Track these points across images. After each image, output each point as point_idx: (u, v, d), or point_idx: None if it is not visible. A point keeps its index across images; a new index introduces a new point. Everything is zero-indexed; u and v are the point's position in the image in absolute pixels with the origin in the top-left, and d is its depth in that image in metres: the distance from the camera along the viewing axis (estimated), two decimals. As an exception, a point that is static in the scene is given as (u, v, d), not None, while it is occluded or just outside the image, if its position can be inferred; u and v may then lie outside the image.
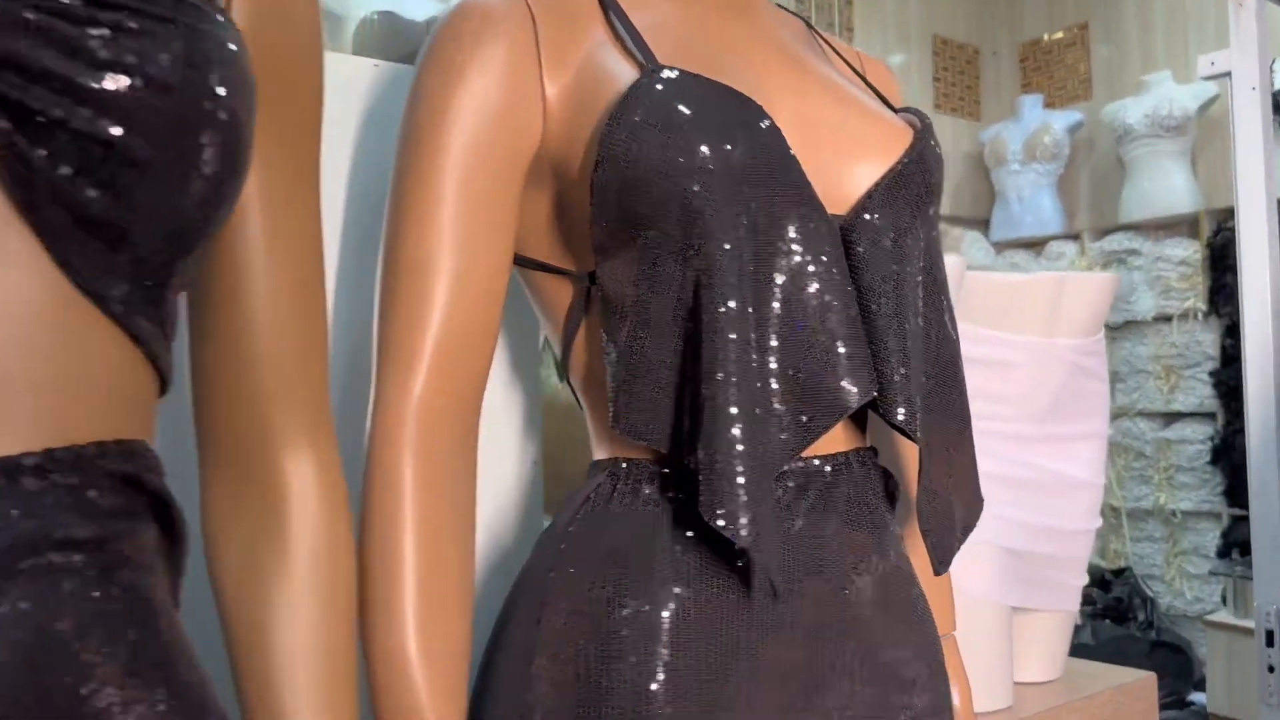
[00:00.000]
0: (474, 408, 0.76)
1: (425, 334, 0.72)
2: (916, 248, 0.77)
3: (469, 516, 0.75)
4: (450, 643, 0.70)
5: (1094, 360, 1.50)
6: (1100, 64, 4.05)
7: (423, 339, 0.72)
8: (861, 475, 0.78)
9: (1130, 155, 3.67)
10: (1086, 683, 1.54)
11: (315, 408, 0.68)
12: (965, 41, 4.29)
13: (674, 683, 0.68)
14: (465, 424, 0.75)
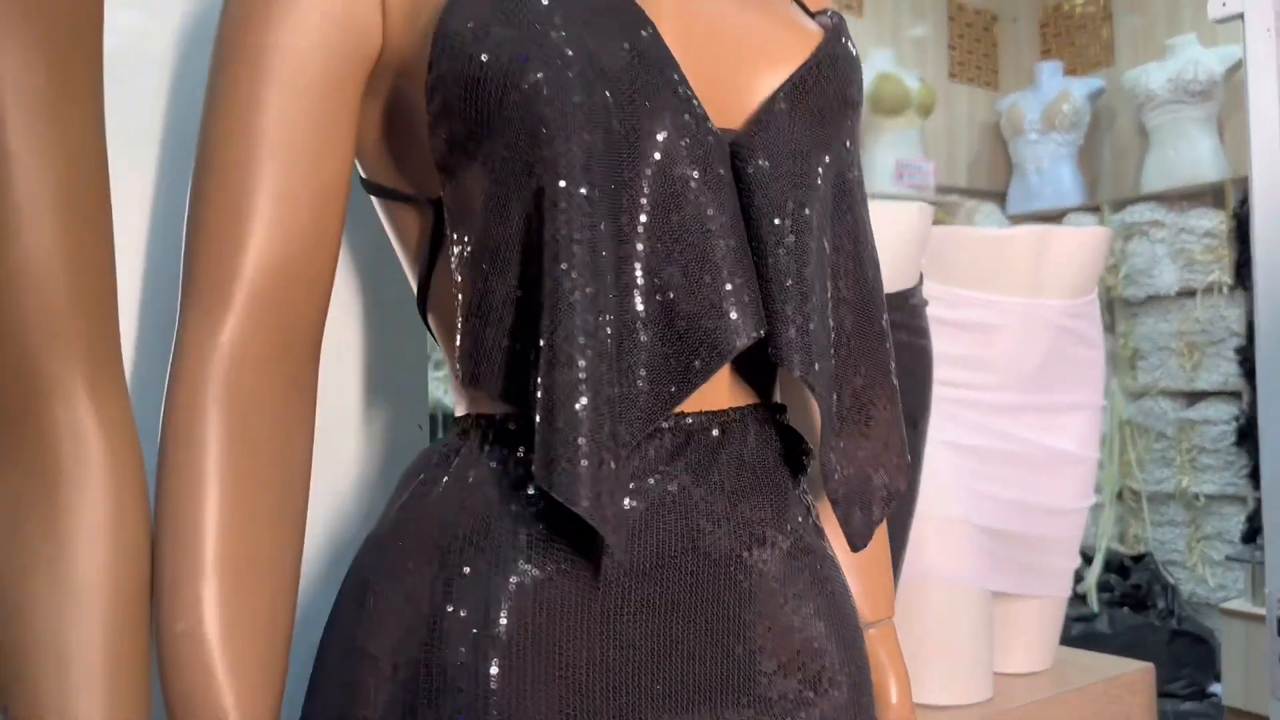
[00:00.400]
0: (306, 356, 0.65)
1: (238, 268, 0.62)
2: (824, 168, 0.66)
3: (298, 483, 0.65)
4: (261, 625, 0.60)
5: (1085, 323, 1.38)
6: (1124, 28, 3.87)
7: (235, 274, 0.62)
8: (759, 437, 0.67)
9: (1153, 123, 3.50)
10: (1077, 674, 1.42)
11: (98, 353, 0.58)
12: (983, 7, 4.13)
13: (514, 668, 0.57)
14: (293, 375, 0.64)
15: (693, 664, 0.61)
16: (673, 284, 0.60)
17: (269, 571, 0.61)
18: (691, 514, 0.62)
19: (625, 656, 0.59)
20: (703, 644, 0.62)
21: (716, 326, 0.60)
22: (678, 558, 0.61)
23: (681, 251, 0.60)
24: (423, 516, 0.62)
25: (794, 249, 0.63)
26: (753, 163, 0.63)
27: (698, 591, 0.62)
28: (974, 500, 1.33)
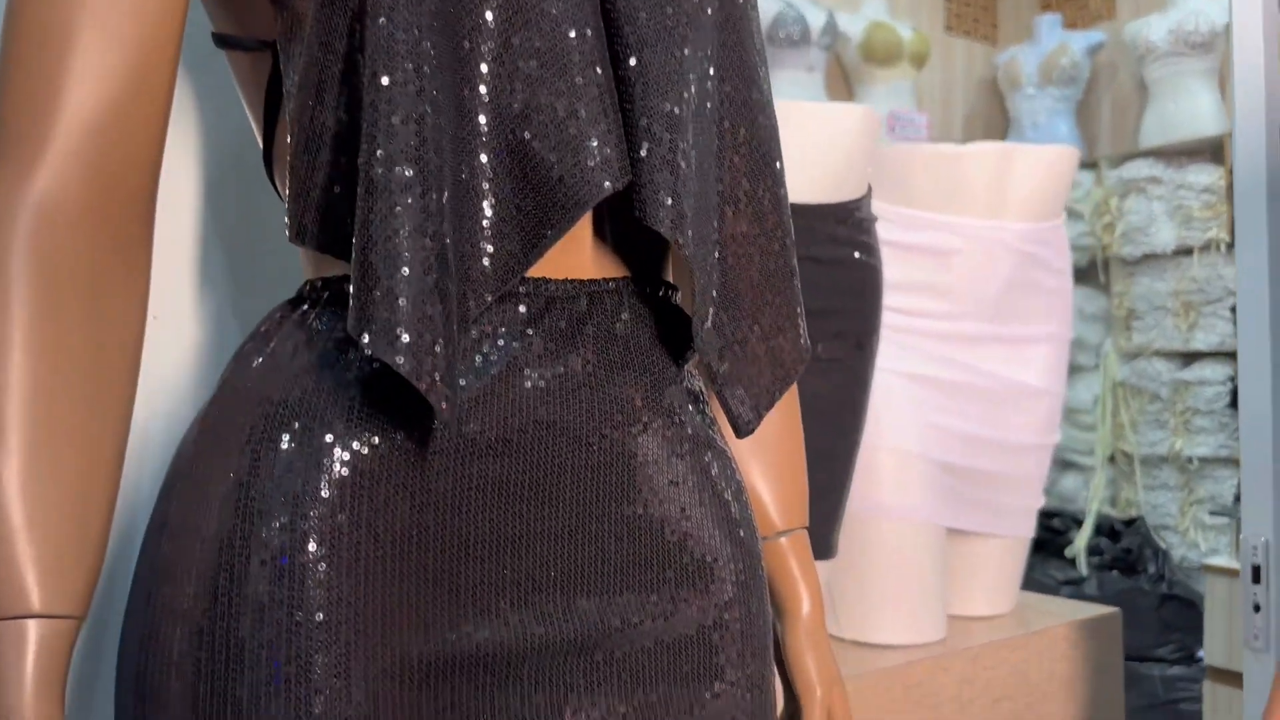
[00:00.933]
0: (131, 219, 0.59)
1: (51, 115, 0.56)
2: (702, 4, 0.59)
3: (122, 352, 0.59)
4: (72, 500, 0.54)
5: (1050, 251, 1.31)
6: (1128, -19, 3.77)
7: (47, 122, 0.56)
8: (635, 313, 0.61)
9: (1153, 76, 3.40)
10: (1039, 618, 1.37)
11: None
12: (983, -39, 4.01)
13: (334, 548, 0.51)
14: (117, 235, 0.58)
15: (546, 550, 0.56)
16: (521, 120, 0.53)
17: (80, 448, 0.55)
18: (551, 387, 0.56)
19: (464, 540, 0.54)
20: (558, 529, 0.56)
21: (570, 174, 0.54)
22: (529, 433, 0.55)
23: (532, 82, 0.54)
24: (242, 388, 0.56)
25: (665, 74, 0.56)
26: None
27: (553, 472, 0.56)
28: (931, 434, 1.26)
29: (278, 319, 0.58)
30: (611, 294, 0.60)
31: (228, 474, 0.53)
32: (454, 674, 0.52)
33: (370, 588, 0.52)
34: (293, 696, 0.50)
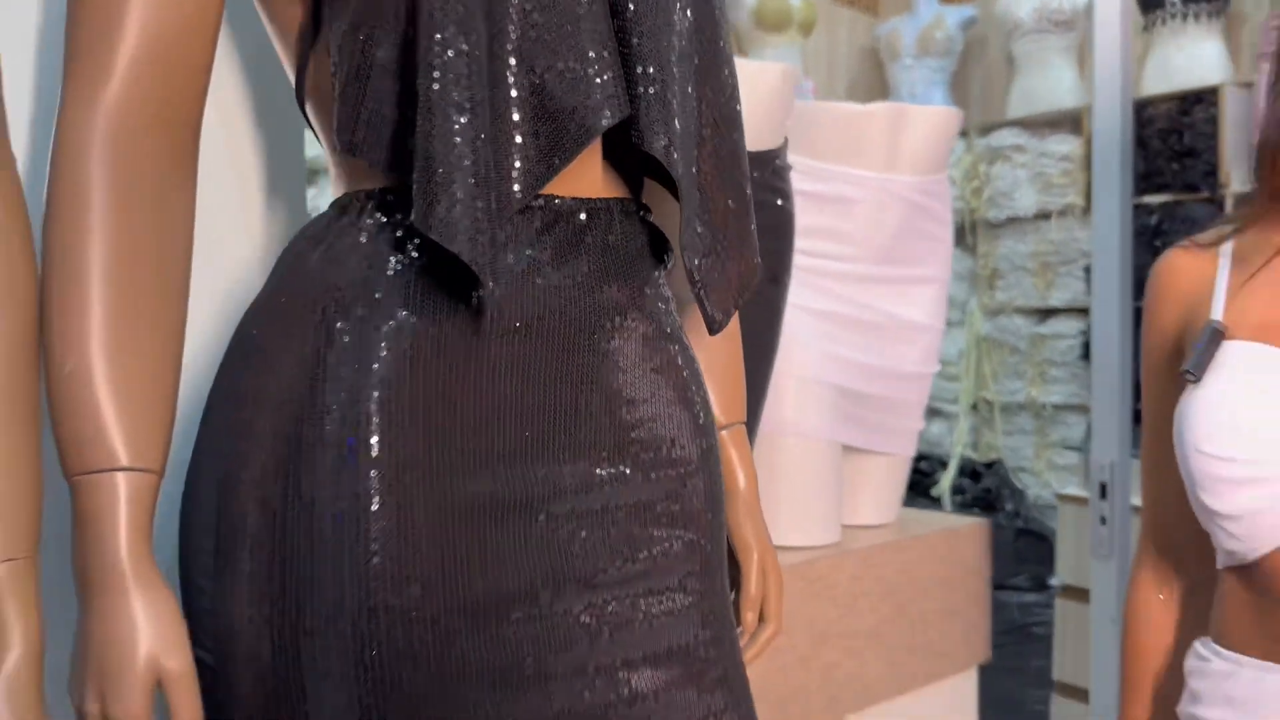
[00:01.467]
0: (186, 131, 0.69)
1: (119, 37, 0.65)
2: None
3: (179, 251, 0.68)
4: (148, 369, 0.64)
5: (935, 202, 1.48)
6: (998, -41, 4.02)
7: (116, 43, 0.65)
8: (625, 228, 0.73)
9: (1020, 51, 3.66)
10: (918, 527, 1.55)
11: None
12: (866, -67, 4.21)
13: (392, 401, 0.63)
14: (172, 148, 0.68)
15: (557, 418, 0.67)
16: (542, 64, 0.65)
17: (153, 324, 0.65)
18: (559, 285, 0.68)
19: (496, 403, 0.65)
20: (567, 401, 0.68)
21: (581, 107, 0.65)
22: (545, 321, 0.67)
23: (550, 34, 0.65)
24: (306, 278, 0.66)
25: (656, 25, 0.68)
26: None
27: (563, 355, 0.68)
28: (829, 362, 1.42)
29: (326, 224, 0.68)
30: (605, 211, 0.71)
31: (304, 346, 0.63)
32: (483, 510, 0.64)
33: (418, 440, 0.63)
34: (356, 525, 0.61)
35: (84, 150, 0.64)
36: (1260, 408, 0.81)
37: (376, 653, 0.61)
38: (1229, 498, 0.82)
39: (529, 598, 0.65)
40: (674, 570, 0.73)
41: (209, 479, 0.65)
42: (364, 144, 0.65)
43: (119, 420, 0.62)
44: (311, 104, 0.72)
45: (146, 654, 0.61)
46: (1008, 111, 3.71)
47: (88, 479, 0.62)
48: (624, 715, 0.68)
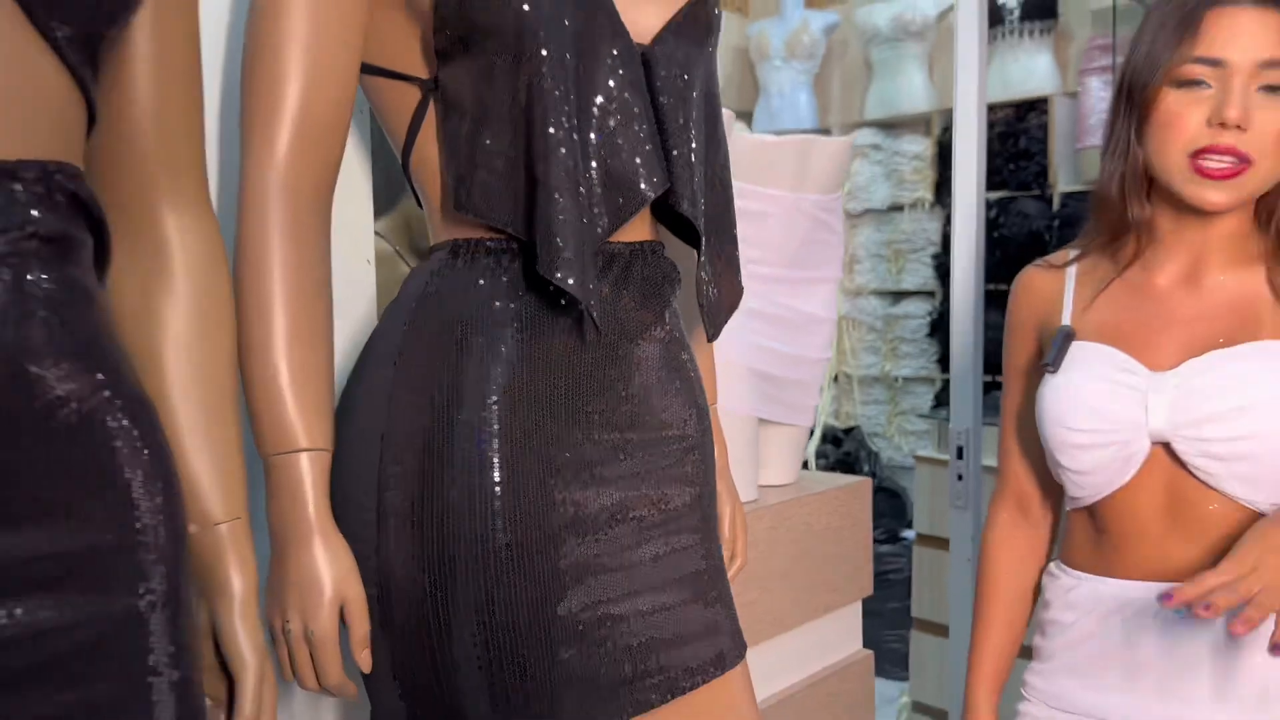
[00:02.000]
0: (328, 190, 0.90)
1: (287, 122, 0.85)
2: (699, 73, 0.97)
3: (327, 275, 0.89)
4: (317, 373, 0.86)
5: (832, 216, 1.77)
6: (856, -31, 4.38)
7: (285, 124, 0.85)
8: (652, 262, 0.98)
9: (877, 57, 4.03)
10: (815, 485, 1.86)
11: (194, 178, 0.80)
12: (737, -63, 4.50)
13: (509, 387, 0.86)
14: (321, 205, 0.89)
15: (616, 404, 0.92)
16: (610, 151, 0.89)
17: (318, 339, 0.87)
18: (615, 307, 0.93)
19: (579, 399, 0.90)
20: (626, 392, 0.93)
21: (639, 182, 0.90)
22: (606, 335, 0.92)
23: (616, 130, 0.89)
24: (437, 307, 0.89)
25: (684, 127, 0.93)
26: (657, 72, 0.92)
27: (617, 359, 0.93)
28: (749, 350, 1.70)
29: (446, 265, 0.90)
30: (640, 252, 0.96)
31: (444, 359, 0.86)
32: (567, 466, 0.88)
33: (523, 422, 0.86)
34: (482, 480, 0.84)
35: (263, 207, 0.85)
36: (1101, 392, 1.08)
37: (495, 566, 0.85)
38: (1078, 458, 1.10)
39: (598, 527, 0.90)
40: (686, 517, 0.99)
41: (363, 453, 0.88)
42: (475, 205, 0.88)
43: (301, 414, 0.84)
44: (417, 167, 0.94)
45: (333, 586, 0.83)
46: (866, 113, 4.09)
47: (282, 458, 0.84)
48: (657, 621, 0.94)
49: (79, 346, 0.62)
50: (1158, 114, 1.06)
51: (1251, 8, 1.03)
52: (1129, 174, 1.10)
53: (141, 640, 0.65)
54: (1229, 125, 1.01)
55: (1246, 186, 1.04)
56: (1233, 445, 1.03)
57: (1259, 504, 1.04)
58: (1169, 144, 1.05)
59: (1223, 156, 1.02)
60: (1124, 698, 1.09)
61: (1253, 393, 1.02)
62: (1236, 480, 1.04)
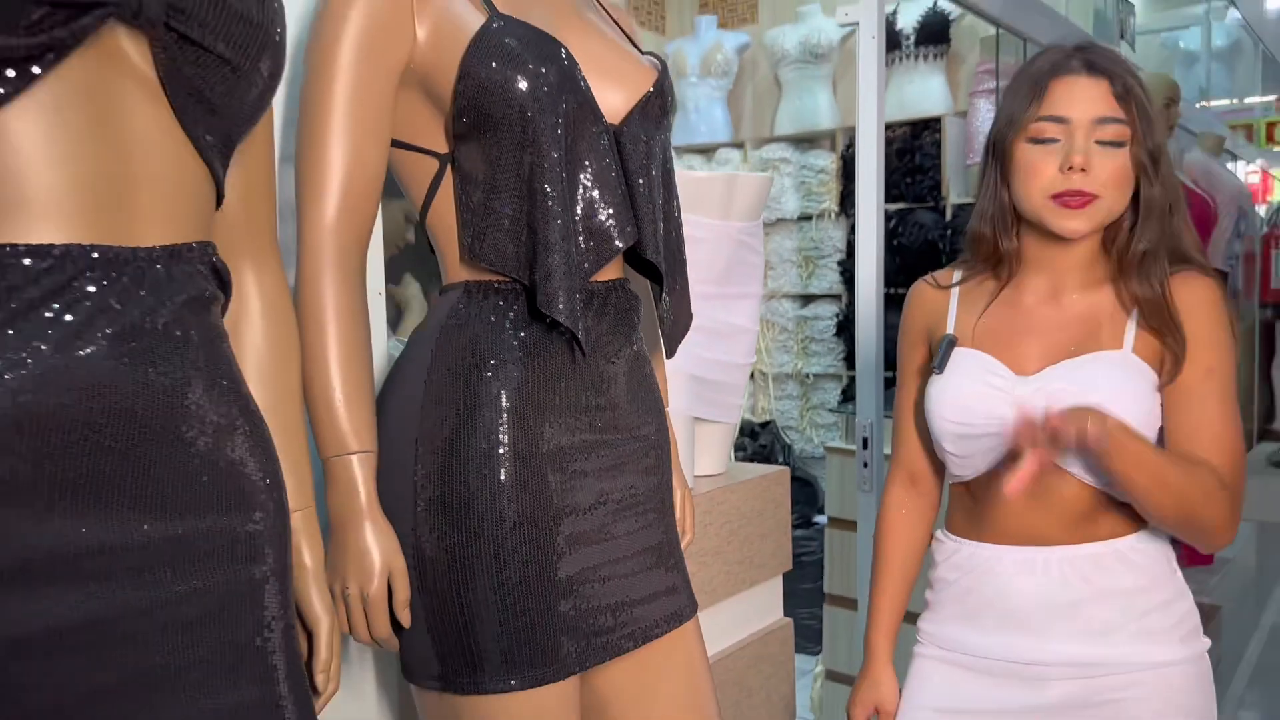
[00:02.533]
0: (365, 245, 1.12)
1: (335, 189, 1.07)
2: (658, 146, 1.21)
3: (366, 311, 1.11)
4: (362, 390, 1.08)
5: (754, 239, 2.03)
6: (765, -7, 4.68)
7: (333, 192, 1.07)
8: (622, 295, 1.22)
9: (786, 77, 4.33)
10: (741, 474, 2.12)
11: (268, 237, 1.02)
12: (653, -40, 4.76)
13: (516, 399, 1.09)
14: (361, 255, 1.11)
15: (597, 411, 1.16)
16: (591, 212, 1.13)
17: (361, 355, 1.09)
18: (598, 335, 1.16)
19: (570, 403, 1.13)
20: (604, 401, 1.17)
21: (611, 235, 1.14)
22: (590, 357, 1.15)
23: (595, 194, 1.13)
24: (458, 338, 1.11)
25: (649, 192, 1.17)
26: (626, 145, 1.16)
27: (598, 375, 1.17)
28: (686, 357, 1.95)
29: (461, 304, 1.12)
30: (613, 289, 1.20)
31: (464, 378, 1.08)
32: (560, 454, 1.11)
33: (530, 428, 1.10)
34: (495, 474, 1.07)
35: (318, 258, 1.07)
36: (976, 392, 1.29)
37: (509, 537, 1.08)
38: (959, 444, 1.31)
39: (585, 509, 1.14)
40: (649, 501, 1.23)
41: (401, 454, 1.10)
42: (488, 257, 1.11)
43: (352, 424, 1.06)
44: (433, 222, 1.16)
45: (381, 559, 1.06)
46: (776, 129, 4.38)
47: (338, 459, 1.06)
48: (630, 583, 1.19)
49: (219, 379, 0.83)
50: (1019, 164, 1.29)
51: (1086, 76, 1.28)
52: (997, 213, 1.33)
53: (260, 599, 0.86)
54: (1075, 170, 1.24)
55: (1095, 216, 1.27)
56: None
57: (1097, 482, 1.26)
58: (1032, 187, 1.27)
59: (1075, 196, 1.25)
60: (1000, 638, 1.31)
61: (1097, 395, 1.22)
62: (1083, 465, 1.26)
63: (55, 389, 0.70)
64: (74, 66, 0.73)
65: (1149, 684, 1.26)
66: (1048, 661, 1.29)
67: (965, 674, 1.36)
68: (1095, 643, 1.27)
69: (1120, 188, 1.26)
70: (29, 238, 0.71)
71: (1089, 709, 1.27)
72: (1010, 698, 1.32)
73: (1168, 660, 1.27)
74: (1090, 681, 1.27)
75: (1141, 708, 1.25)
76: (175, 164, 0.81)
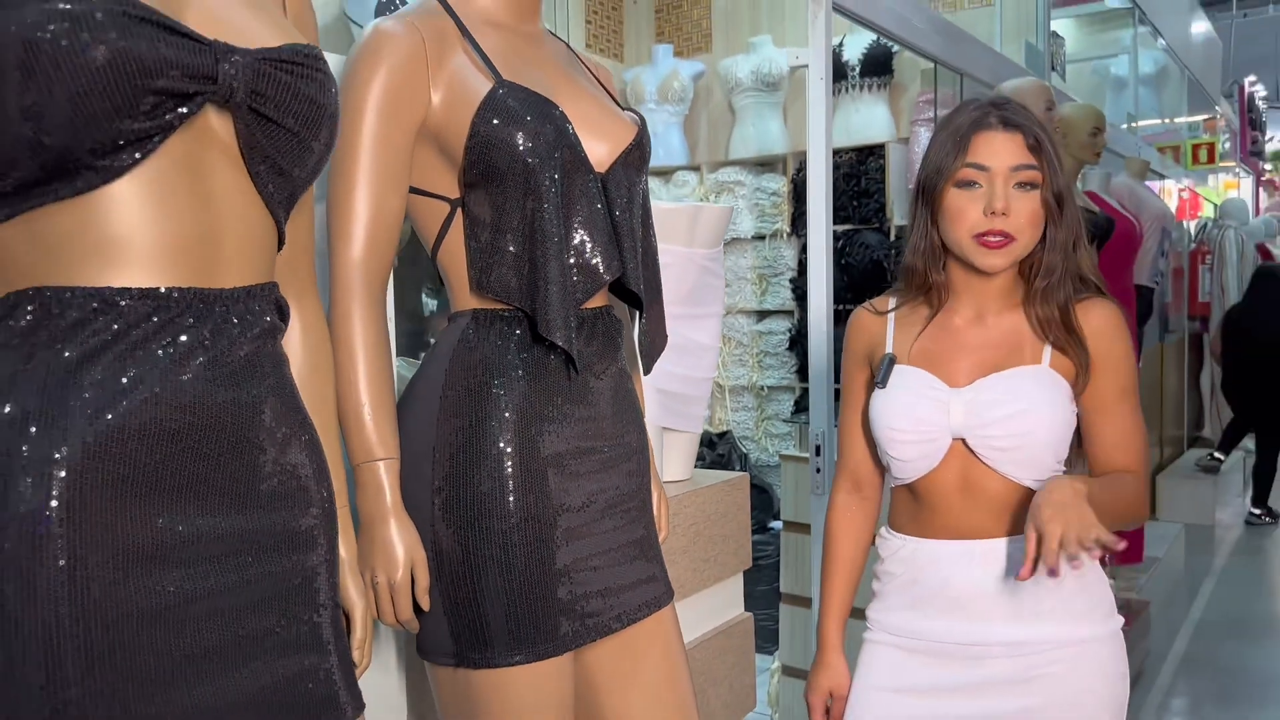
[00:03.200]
0: (387, 278, 1.29)
1: (362, 230, 1.24)
2: (638, 189, 1.39)
3: (388, 336, 1.28)
4: (386, 405, 1.24)
5: (716, 264, 2.22)
6: (720, 20, 4.89)
7: (360, 233, 1.24)
8: (608, 321, 1.39)
9: (739, 104, 4.53)
10: (704, 480, 2.30)
11: (308, 271, 1.18)
12: (611, -11, 4.95)
13: (519, 412, 1.26)
14: (383, 287, 1.28)
15: (587, 421, 1.34)
16: (582, 250, 1.30)
17: (384, 374, 1.25)
18: (588, 355, 1.34)
19: (565, 415, 1.31)
20: (592, 413, 1.34)
21: (599, 269, 1.32)
22: (583, 375, 1.33)
23: (586, 235, 1.30)
24: (469, 359, 1.28)
25: (630, 230, 1.35)
26: (612, 190, 1.34)
27: (588, 391, 1.34)
28: (655, 372, 2.12)
29: (468, 328, 1.29)
30: (600, 315, 1.37)
31: (475, 394, 1.24)
32: (561, 458, 1.28)
33: (532, 438, 1.26)
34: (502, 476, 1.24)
35: (348, 290, 1.23)
36: (915, 403, 1.44)
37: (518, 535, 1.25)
38: (900, 450, 1.45)
39: (578, 507, 1.31)
40: (631, 500, 1.41)
41: (420, 460, 1.26)
42: (494, 289, 1.28)
43: (378, 435, 1.23)
44: (443, 257, 1.33)
45: (404, 552, 1.22)
46: (730, 153, 4.59)
47: (367, 465, 1.22)
48: (616, 572, 1.36)
49: (285, 396, 1.00)
50: (947, 208, 1.46)
51: (1003, 131, 1.45)
52: (928, 250, 1.48)
53: (317, 581, 1.02)
54: (998, 214, 1.42)
55: (1014, 252, 1.44)
56: (1008, 440, 1.40)
57: (1026, 480, 1.42)
58: (959, 228, 1.42)
59: (995, 236, 1.41)
60: (942, 623, 1.45)
61: (1021, 403, 1.40)
62: (1011, 464, 1.41)
63: (164, 408, 0.87)
64: (174, 141, 0.89)
65: (1074, 658, 1.41)
66: (986, 642, 1.43)
67: (911, 656, 1.48)
68: (1027, 624, 1.42)
69: (1034, 226, 1.44)
70: (139, 282, 0.87)
71: (1023, 682, 1.42)
72: (953, 676, 1.45)
73: (1089, 636, 1.43)
74: (1024, 659, 1.42)
75: (1068, 678, 1.41)
76: (250, 218, 0.97)
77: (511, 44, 1.35)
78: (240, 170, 0.95)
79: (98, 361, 0.84)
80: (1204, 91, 8.02)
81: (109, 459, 0.83)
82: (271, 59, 0.93)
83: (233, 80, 0.89)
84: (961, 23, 3.97)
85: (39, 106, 0.78)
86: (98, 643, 0.82)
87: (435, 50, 1.28)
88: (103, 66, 0.79)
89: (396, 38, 1.26)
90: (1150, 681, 3.73)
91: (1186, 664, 3.97)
